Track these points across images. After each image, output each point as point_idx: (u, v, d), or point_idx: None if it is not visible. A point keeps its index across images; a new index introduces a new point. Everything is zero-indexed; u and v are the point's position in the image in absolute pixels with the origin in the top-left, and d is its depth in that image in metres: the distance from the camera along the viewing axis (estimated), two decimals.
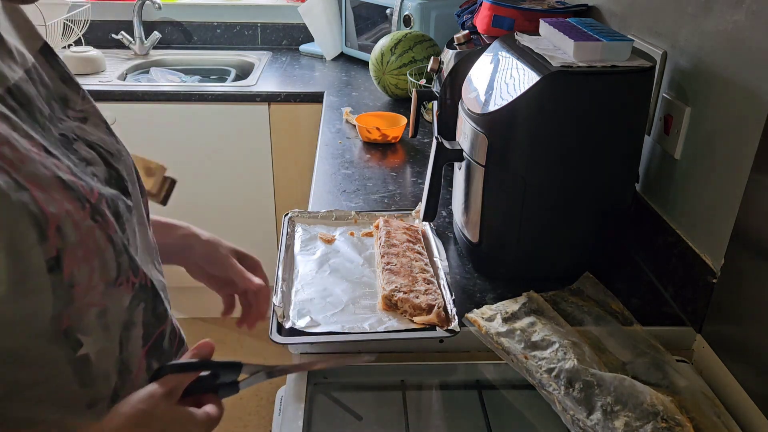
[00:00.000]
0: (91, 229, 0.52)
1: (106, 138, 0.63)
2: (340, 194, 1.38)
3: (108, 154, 0.61)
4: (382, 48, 1.93)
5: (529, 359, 0.85)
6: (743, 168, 0.85)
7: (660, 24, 1.10)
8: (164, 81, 2.38)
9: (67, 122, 0.59)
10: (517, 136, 0.96)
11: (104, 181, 0.58)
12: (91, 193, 0.54)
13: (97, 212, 0.53)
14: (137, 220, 0.63)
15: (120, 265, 0.55)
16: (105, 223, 0.54)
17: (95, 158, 0.59)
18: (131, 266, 0.57)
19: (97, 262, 0.52)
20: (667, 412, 0.77)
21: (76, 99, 0.62)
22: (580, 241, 1.05)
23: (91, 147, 0.59)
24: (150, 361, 0.60)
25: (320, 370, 0.89)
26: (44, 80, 0.58)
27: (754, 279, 0.83)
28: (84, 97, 0.63)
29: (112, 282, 0.54)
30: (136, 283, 0.58)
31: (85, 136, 0.60)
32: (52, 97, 0.58)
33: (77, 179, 0.53)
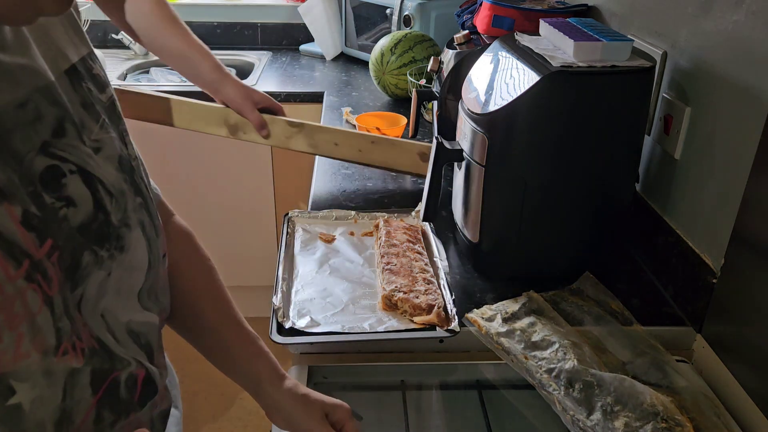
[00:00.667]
0: (22, 291, 0.46)
1: (114, 174, 0.58)
2: (340, 194, 1.38)
3: (106, 193, 0.56)
4: (382, 48, 1.93)
5: (529, 359, 0.85)
6: (743, 168, 0.85)
7: (660, 24, 1.10)
8: (164, 81, 2.38)
9: (78, 149, 0.54)
10: (517, 136, 0.96)
11: (78, 227, 0.53)
12: (38, 247, 0.48)
13: (37, 270, 0.48)
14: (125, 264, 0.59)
15: (60, 330, 0.50)
16: (46, 283, 0.49)
17: (86, 198, 0.54)
18: (74, 330, 0.51)
19: (25, 327, 0.47)
20: (667, 413, 0.77)
21: (93, 127, 0.57)
22: (580, 241, 1.06)
23: (89, 183, 0.55)
24: (101, 411, 0.55)
25: (320, 371, 0.89)
26: (59, 100, 0.53)
27: (754, 279, 0.83)
28: (102, 126, 0.59)
29: (51, 350, 0.49)
30: (85, 348, 0.53)
31: (90, 169, 0.55)
32: (67, 120, 0.54)
33: (25, 230, 0.48)
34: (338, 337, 0.90)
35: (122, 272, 0.59)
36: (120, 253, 0.58)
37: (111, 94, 0.63)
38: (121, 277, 0.59)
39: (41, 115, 0.51)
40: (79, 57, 0.59)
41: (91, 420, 0.54)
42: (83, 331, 0.53)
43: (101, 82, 0.62)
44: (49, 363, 0.49)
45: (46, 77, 0.53)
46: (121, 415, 0.57)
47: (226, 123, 1.38)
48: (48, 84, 0.53)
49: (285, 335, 0.90)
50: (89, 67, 0.60)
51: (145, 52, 2.54)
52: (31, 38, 0.53)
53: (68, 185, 0.52)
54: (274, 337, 0.89)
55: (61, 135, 0.53)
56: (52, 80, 0.53)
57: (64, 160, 0.53)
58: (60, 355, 0.50)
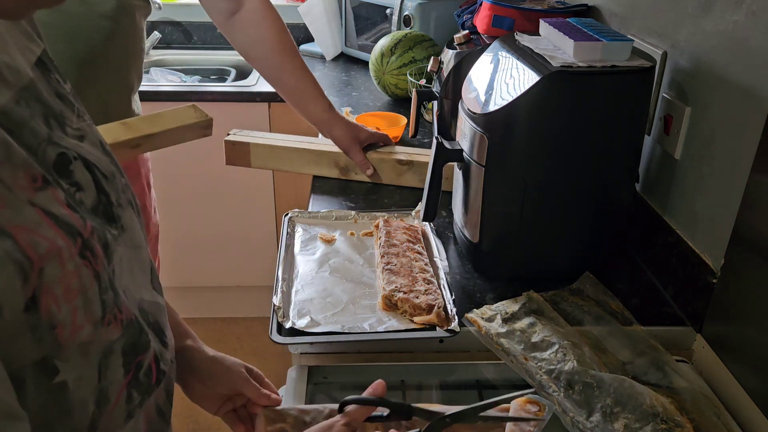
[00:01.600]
0: (78, 267, 0.50)
1: (102, 158, 0.60)
2: (340, 194, 1.38)
3: (102, 176, 0.59)
4: (382, 48, 1.93)
5: (529, 360, 0.85)
6: (743, 168, 0.85)
7: (660, 24, 1.10)
8: (164, 81, 2.38)
9: (66, 140, 0.56)
10: (517, 136, 0.96)
11: (91, 209, 0.56)
12: (84, 226, 0.52)
13: (87, 247, 0.51)
14: (129, 243, 0.61)
15: (104, 302, 0.53)
16: (94, 259, 0.52)
17: (89, 182, 0.57)
18: (116, 302, 0.55)
19: (80, 301, 0.50)
20: (667, 413, 0.77)
21: (72, 117, 0.59)
22: (580, 241, 1.06)
23: (88, 168, 0.57)
24: (131, 392, 0.58)
25: (320, 371, 0.89)
26: (41, 96, 0.55)
27: (754, 279, 0.82)
28: (79, 114, 0.60)
29: (99, 321, 0.52)
30: (124, 320, 0.56)
31: (85, 155, 0.58)
32: (50, 114, 0.56)
33: (72, 212, 0.51)
34: (338, 337, 0.90)
35: (130, 251, 0.62)
36: (123, 232, 0.61)
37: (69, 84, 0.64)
38: (130, 256, 0.62)
39: (34, 112, 0.53)
40: (41, 49, 0.60)
41: (123, 399, 0.57)
42: (124, 302, 0.57)
43: (60, 73, 0.63)
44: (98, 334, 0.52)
45: (26, 74, 0.54)
46: (145, 396, 0.60)
47: (337, 165, 1.43)
48: (30, 81, 0.54)
49: (285, 335, 0.90)
50: (50, 58, 0.61)
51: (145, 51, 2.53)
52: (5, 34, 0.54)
53: (75, 171, 0.55)
54: (274, 337, 0.89)
55: (50, 128, 0.55)
56: (32, 76, 0.55)
57: (66, 147, 0.55)
58: (105, 325, 0.53)
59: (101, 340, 0.53)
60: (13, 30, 0.56)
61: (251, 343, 2.41)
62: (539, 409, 0.76)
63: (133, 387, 0.58)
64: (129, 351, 0.57)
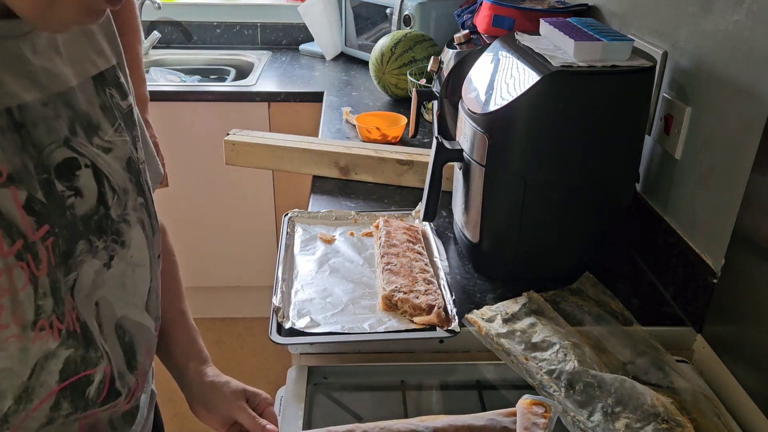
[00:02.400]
0: (10, 267, 0.51)
1: (121, 173, 0.63)
2: (340, 194, 1.38)
3: (110, 189, 0.61)
4: (382, 48, 1.93)
5: (530, 361, 0.85)
6: (743, 168, 0.85)
7: (660, 24, 1.10)
8: (164, 81, 2.38)
9: (86, 148, 0.59)
10: (517, 136, 0.96)
11: (80, 217, 0.57)
12: (35, 230, 0.53)
13: (29, 250, 0.52)
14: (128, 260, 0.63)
15: (39, 307, 0.53)
16: (35, 263, 0.53)
17: (92, 191, 0.59)
18: (55, 311, 0.55)
19: (7, 300, 0.51)
20: (668, 413, 0.77)
21: (108, 129, 0.62)
22: (580, 241, 1.05)
23: (98, 178, 0.59)
24: (61, 400, 0.58)
25: (320, 371, 0.89)
26: (75, 104, 0.58)
27: (754, 279, 0.82)
28: (117, 129, 0.63)
29: (29, 325, 0.53)
30: (62, 330, 0.56)
31: (100, 166, 0.60)
32: (79, 121, 0.59)
33: (26, 213, 0.52)
34: (338, 337, 0.90)
35: (125, 266, 0.63)
36: (122, 248, 0.62)
37: (131, 102, 0.68)
38: (125, 271, 0.63)
39: (59, 115, 0.56)
40: (109, 65, 0.64)
41: (48, 405, 0.57)
42: (70, 313, 0.57)
43: (124, 90, 0.67)
44: (26, 338, 0.53)
45: (65, 82, 0.58)
46: (79, 410, 0.60)
47: (337, 165, 1.43)
48: (66, 89, 0.58)
49: (285, 335, 0.90)
50: (116, 76, 0.66)
51: (145, 51, 2.54)
52: (62, 44, 0.58)
53: (80, 177, 0.58)
54: (273, 337, 0.89)
55: (74, 134, 0.58)
56: (71, 86, 0.58)
57: (81, 154, 0.58)
58: (37, 330, 0.54)
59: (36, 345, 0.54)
60: (77, 42, 0.61)
61: (251, 343, 2.41)
62: (545, 410, 0.75)
63: (65, 397, 0.58)
64: (72, 362, 0.57)
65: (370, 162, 1.41)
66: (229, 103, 2.17)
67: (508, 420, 0.75)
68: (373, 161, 1.40)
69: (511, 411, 0.76)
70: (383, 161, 1.40)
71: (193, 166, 2.25)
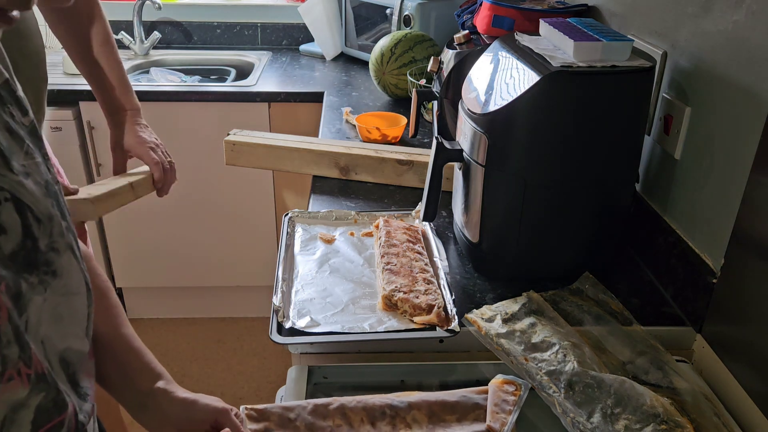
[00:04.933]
0: None
1: (42, 200, 0.57)
2: (340, 194, 1.38)
3: (35, 220, 0.55)
4: (382, 48, 1.93)
5: (529, 361, 0.85)
6: (743, 168, 0.85)
7: (660, 24, 1.10)
8: (164, 81, 2.38)
9: (8, 177, 0.53)
10: (517, 136, 0.97)
11: (8, 256, 0.53)
12: None
13: None
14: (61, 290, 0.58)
15: (5, 357, 0.50)
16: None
17: (15, 226, 0.53)
18: (22, 357, 0.52)
19: None
20: (668, 414, 0.77)
21: (19, 153, 0.56)
22: (580, 241, 1.06)
23: (20, 211, 0.54)
24: None
25: (320, 371, 0.89)
26: None
27: (754, 279, 0.82)
28: (27, 152, 0.57)
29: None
30: (31, 375, 0.53)
31: (21, 196, 0.54)
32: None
33: None
34: (338, 337, 0.90)
35: (59, 298, 0.58)
36: (53, 278, 0.57)
37: (32, 117, 0.61)
38: (58, 303, 0.58)
39: None
40: (2, 79, 0.57)
41: None
42: (34, 356, 0.54)
43: (23, 106, 0.60)
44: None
45: None
46: None
47: (337, 165, 1.44)
48: None
49: (285, 335, 0.90)
50: (12, 90, 0.58)
51: (145, 51, 2.54)
52: None
53: (2, 213, 0.52)
54: (274, 337, 0.89)
55: None
56: None
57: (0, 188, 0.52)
58: (5, 381, 0.50)
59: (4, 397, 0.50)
60: None
61: (251, 343, 2.41)
62: (516, 389, 0.80)
63: None
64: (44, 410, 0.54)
65: (370, 162, 1.41)
66: (230, 104, 2.18)
67: (480, 397, 0.80)
68: (373, 161, 1.41)
69: (483, 389, 0.81)
70: (383, 161, 1.40)
71: (193, 166, 2.25)
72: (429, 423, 0.78)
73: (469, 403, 0.80)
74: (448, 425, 0.77)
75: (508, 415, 0.77)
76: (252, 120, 2.18)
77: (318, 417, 0.77)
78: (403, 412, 0.78)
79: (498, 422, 0.76)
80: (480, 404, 0.79)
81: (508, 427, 0.76)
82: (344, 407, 0.78)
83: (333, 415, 0.77)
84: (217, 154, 2.27)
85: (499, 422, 0.77)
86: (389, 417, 0.78)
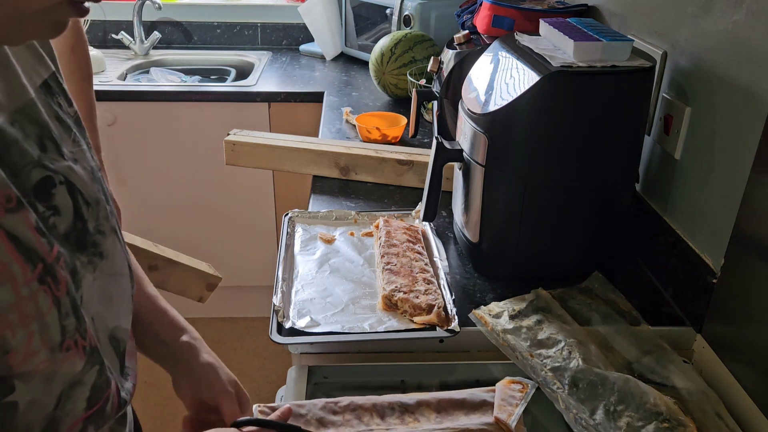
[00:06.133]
0: (35, 292, 0.50)
1: (89, 185, 0.60)
2: (340, 194, 1.38)
3: (84, 203, 0.59)
4: (382, 48, 1.93)
5: (534, 357, 0.85)
6: (743, 168, 0.85)
7: (660, 24, 1.10)
8: (164, 81, 2.38)
9: (60, 162, 0.57)
10: (517, 136, 0.97)
11: (63, 236, 0.56)
12: (49, 252, 0.52)
13: (48, 273, 0.52)
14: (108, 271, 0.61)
15: (64, 327, 0.53)
16: (55, 285, 0.52)
17: (68, 208, 0.57)
18: (78, 329, 0.55)
19: (36, 326, 0.50)
20: (670, 413, 0.78)
21: (68, 141, 0.59)
22: (580, 241, 1.06)
23: (72, 193, 0.57)
24: (87, 425, 0.57)
25: (320, 370, 0.89)
26: (39, 118, 0.56)
27: (754, 279, 0.83)
28: (75, 139, 0.61)
29: (57, 347, 0.52)
30: (86, 347, 0.55)
31: (73, 180, 0.58)
32: (47, 136, 0.56)
33: (40, 236, 0.51)
34: (338, 337, 0.90)
35: (107, 279, 0.61)
36: (101, 260, 0.61)
37: (75, 108, 0.64)
38: (107, 283, 0.61)
39: (27, 133, 0.54)
40: (50, 72, 0.61)
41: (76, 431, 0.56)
42: (88, 329, 0.56)
43: (68, 97, 0.63)
44: (54, 361, 0.52)
45: (25, 96, 0.55)
46: (100, 428, 0.59)
47: (337, 165, 1.44)
48: (27, 103, 0.55)
49: (285, 335, 0.90)
50: (59, 82, 0.62)
51: (145, 51, 2.54)
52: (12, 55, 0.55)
53: (56, 195, 0.55)
54: (274, 337, 0.89)
55: (44, 150, 0.55)
56: (31, 97, 0.56)
57: (55, 171, 0.56)
58: (64, 350, 0.53)
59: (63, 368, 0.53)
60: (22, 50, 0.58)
61: (251, 343, 2.41)
62: (522, 387, 0.82)
63: (91, 422, 0.57)
64: (99, 389, 0.57)
65: (370, 162, 1.41)
66: (230, 104, 2.18)
67: (488, 395, 0.82)
68: (373, 161, 1.41)
69: (491, 388, 0.83)
70: (383, 161, 1.40)
71: (193, 166, 2.25)
72: (437, 416, 0.80)
73: (476, 400, 0.81)
74: (456, 418, 0.79)
75: (515, 407, 0.79)
76: (252, 120, 2.18)
77: (328, 412, 0.79)
78: (412, 407, 0.80)
79: (505, 413, 0.78)
80: (488, 401, 0.81)
81: (515, 417, 0.78)
82: (354, 403, 0.80)
83: (343, 411, 0.79)
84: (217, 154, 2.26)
85: (506, 413, 0.78)
86: (398, 412, 0.80)
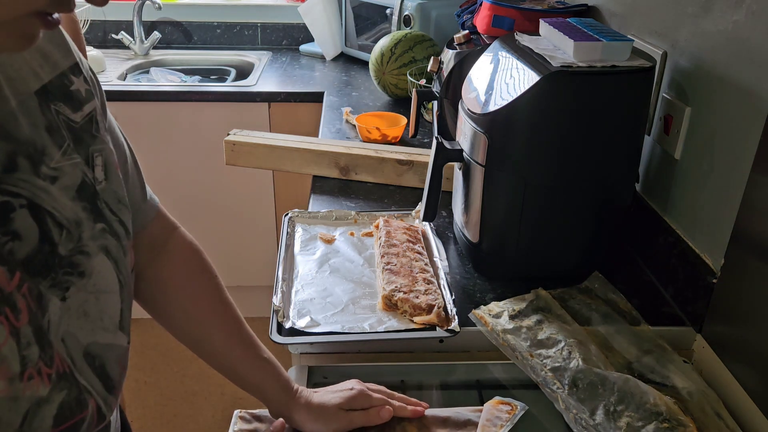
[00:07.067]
0: None
1: (69, 204, 0.57)
2: (340, 194, 1.38)
3: (55, 225, 0.55)
4: (382, 48, 1.93)
5: (534, 357, 0.85)
6: (743, 168, 0.85)
7: (660, 24, 1.10)
8: (164, 81, 2.38)
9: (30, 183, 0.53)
10: (517, 136, 0.96)
11: (23, 261, 0.53)
12: (9, 280, 0.50)
13: (6, 303, 0.50)
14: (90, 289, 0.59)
15: (24, 358, 0.52)
16: (14, 315, 0.51)
17: (30, 231, 0.53)
18: (42, 357, 0.53)
19: None
20: (670, 413, 0.78)
21: (55, 154, 0.55)
22: (580, 241, 1.06)
23: (37, 216, 0.54)
24: None
25: (320, 371, 0.89)
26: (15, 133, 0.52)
27: (754, 279, 0.82)
28: (66, 151, 0.57)
29: (16, 377, 0.51)
30: (52, 374, 0.54)
31: (40, 202, 0.54)
32: (21, 152, 0.53)
33: None
34: (338, 337, 0.90)
35: (86, 296, 0.59)
36: (80, 278, 0.58)
37: (89, 111, 0.60)
38: (86, 300, 0.59)
39: None
40: (56, 74, 0.57)
41: None
42: (56, 356, 0.55)
43: (78, 99, 0.59)
44: (15, 389, 0.51)
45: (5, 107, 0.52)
46: None
47: (337, 165, 1.44)
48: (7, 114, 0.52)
49: (285, 335, 0.90)
50: (65, 85, 0.58)
51: (145, 51, 2.54)
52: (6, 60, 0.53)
53: (15, 219, 0.52)
54: (274, 337, 0.89)
55: (12, 170, 0.52)
56: (10, 109, 0.52)
57: (16, 195, 0.52)
58: (25, 380, 0.52)
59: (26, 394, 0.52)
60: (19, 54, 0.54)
61: None
62: (511, 409, 0.80)
63: None
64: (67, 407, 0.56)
65: (370, 162, 1.41)
66: (230, 104, 2.18)
67: (473, 414, 0.80)
68: (373, 161, 1.41)
69: (478, 408, 0.82)
70: (383, 161, 1.40)
71: (193, 166, 2.25)
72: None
73: (461, 419, 0.80)
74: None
75: (499, 428, 0.78)
76: (252, 120, 2.18)
77: None
78: (394, 422, 0.79)
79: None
80: (472, 420, 0.79)
81: None
82: None
83: None
84: (217, 154, 2.26)
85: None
86: (377, 428, 0.79)
